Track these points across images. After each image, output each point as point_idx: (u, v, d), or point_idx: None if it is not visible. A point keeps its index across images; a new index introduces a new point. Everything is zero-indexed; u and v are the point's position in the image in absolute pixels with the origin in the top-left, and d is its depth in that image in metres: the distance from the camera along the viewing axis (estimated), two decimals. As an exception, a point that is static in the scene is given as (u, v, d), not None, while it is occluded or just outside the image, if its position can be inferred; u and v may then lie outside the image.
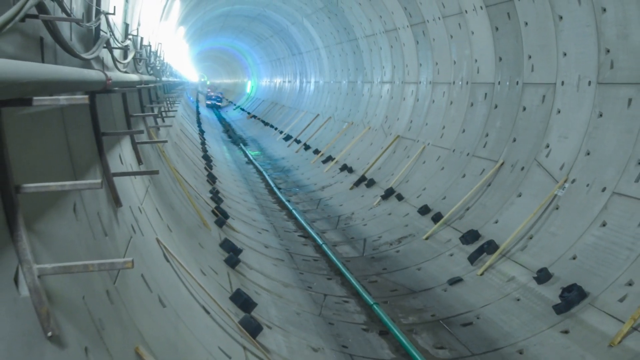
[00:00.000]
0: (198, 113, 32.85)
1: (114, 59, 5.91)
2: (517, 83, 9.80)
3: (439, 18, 12.39)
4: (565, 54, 8.35)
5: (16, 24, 2.36)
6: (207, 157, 16.55)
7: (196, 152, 16.39)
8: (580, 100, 8.04)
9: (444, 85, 12.94)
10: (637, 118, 6.90)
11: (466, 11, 11.10)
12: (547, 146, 8.62)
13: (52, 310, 2.41)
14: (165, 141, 6.96)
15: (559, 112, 8.52)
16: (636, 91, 6.95)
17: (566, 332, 6.10)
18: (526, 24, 9.24)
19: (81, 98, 2.56)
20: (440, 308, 7.69)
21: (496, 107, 10.52)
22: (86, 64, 4.46)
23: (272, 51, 34.78)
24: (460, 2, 11.18)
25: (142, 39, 9.48)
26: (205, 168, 14.52)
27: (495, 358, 6.27)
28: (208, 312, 5.43)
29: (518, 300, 7.11)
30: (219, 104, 45.95)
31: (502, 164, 9.71)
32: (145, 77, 8.59)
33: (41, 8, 2.87)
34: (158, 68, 13.30)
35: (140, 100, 9.35)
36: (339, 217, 12.85)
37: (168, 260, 5.54)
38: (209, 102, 46.67)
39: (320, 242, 10.65)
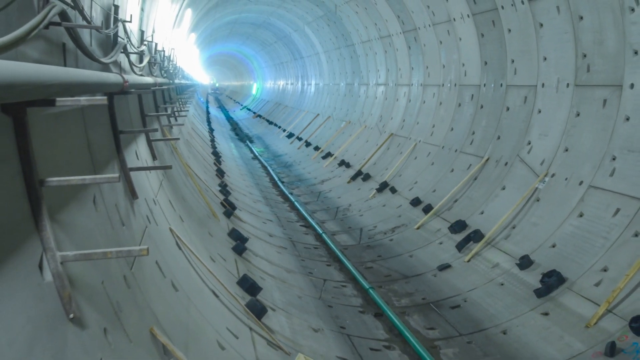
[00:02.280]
0: (208, 113, 32.61)
1: (130, 63, 5.89)
2: (501, 85, 9.77)
3: (430, 25, 12.34)
4: (545, 59, 8.32)
5: (40, 31, 2.35)
6: (216, 153, 16.50)
7: (206, 148, 16.35)
8: (559, 101, 8.02)
9: (434, 87, 12.90)
10: (611, 117, 6.89)
11: (454, 19, 11.06)
12: (529, 143, 8.61)
13: (73, 294, 2.41)
14: (178, 139, 6.94)
15: (540, 112, 8.51)
16: (610, 92, 6.93)
17: (546, 314, 6.11)
18: (509, 30, 9.20)
19: (100, 99, 2.56)
20: (431, 292, 7.70)
21: (482, 107, 10.49)
22: (105, 67, 4.45)
23: (275, 56, 34.64)
24: (448, 10, 11.13)
25: (156, 44, 9.45)
26: (214, 163, 14.49)
27: (481, 338, 6.28)
28: (217, 296, 5.43)
29: (502, 284, 7.12)
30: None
31: (488, 159, 9.70)
32: (160, 80, 8.56)
33: (64, 16, 2.86)
34: (171, 71, 13.27)
35: (155, 101, 9.32)
36: (337, 209, 12.85)
37: (180, 248, 5.54)
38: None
39: (320, 231, 10.65)
